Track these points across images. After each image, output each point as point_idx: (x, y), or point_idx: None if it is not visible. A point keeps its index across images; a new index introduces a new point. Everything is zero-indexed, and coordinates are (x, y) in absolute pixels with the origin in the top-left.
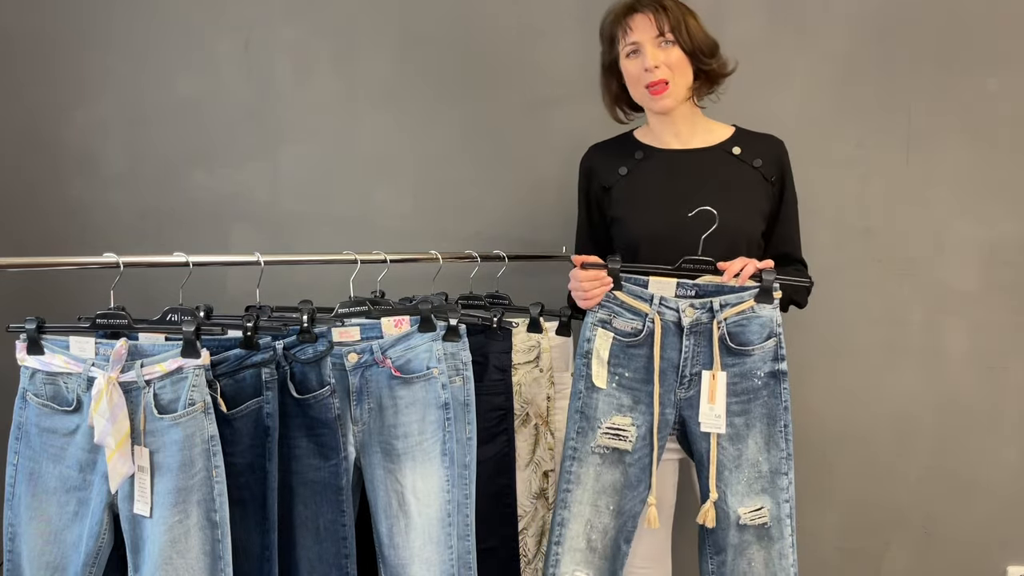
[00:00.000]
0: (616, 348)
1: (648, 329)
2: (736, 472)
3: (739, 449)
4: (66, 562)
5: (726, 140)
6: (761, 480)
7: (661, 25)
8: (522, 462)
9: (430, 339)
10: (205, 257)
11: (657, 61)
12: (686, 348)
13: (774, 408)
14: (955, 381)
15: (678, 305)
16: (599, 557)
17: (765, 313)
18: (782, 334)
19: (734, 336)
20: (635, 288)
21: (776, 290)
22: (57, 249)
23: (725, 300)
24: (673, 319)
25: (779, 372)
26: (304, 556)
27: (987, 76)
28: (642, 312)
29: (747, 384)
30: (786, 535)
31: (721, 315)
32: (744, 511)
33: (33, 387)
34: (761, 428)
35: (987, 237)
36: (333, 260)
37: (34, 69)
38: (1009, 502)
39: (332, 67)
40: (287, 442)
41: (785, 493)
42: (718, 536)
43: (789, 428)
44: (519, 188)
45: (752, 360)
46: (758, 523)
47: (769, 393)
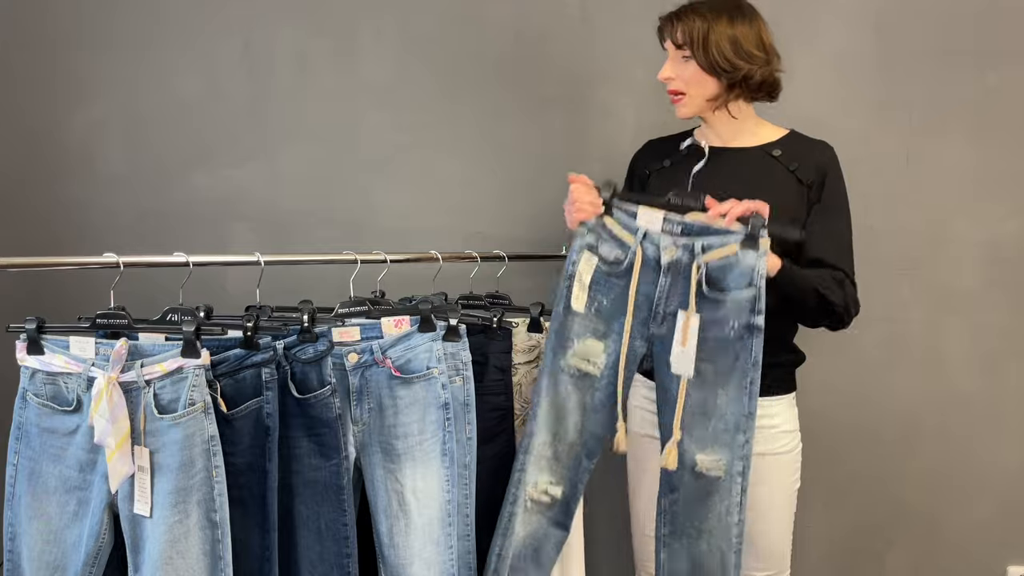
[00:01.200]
0: (598, 274)
1: (630, 260)
2: (700, 419)
3: (704, 396)
4: (66, 562)
5: (771, 142)
6: (725, 434)
7: (682, 38)
8: None
9: (430, 339)
10: (205, 257)
11: (671, 73)
12: (661, 286)
13: (744, 363)
14: (955, 381)
15: (661, 241)
16: (562, 466)
17: (748, 260)
18: (763, 286)
19: (712, 281)
20: (624, 217)
21: (763, 236)
22: (57, 249)
23: (708, 242)
24: (654, 255)
25: (754, 326)
26: (305, 556)
27: (987, 74)
28: (626, 243)
29: (719, 333)
30: (734, 493)
31: (702, 258)
32: (703, 459)
33: (33, 387)
34: (731, 381)
35: (987, 236)
36: (333, 260)
37: (34, 69)
38: (1009, 502)
39: (332, 67)
40: (288, 442)
41: (741, 450)
42: (673, 476)
43: (755, 386)
44: (519, 188)
45: (727, 308)
46: (713, 475)
47: (741, 347)
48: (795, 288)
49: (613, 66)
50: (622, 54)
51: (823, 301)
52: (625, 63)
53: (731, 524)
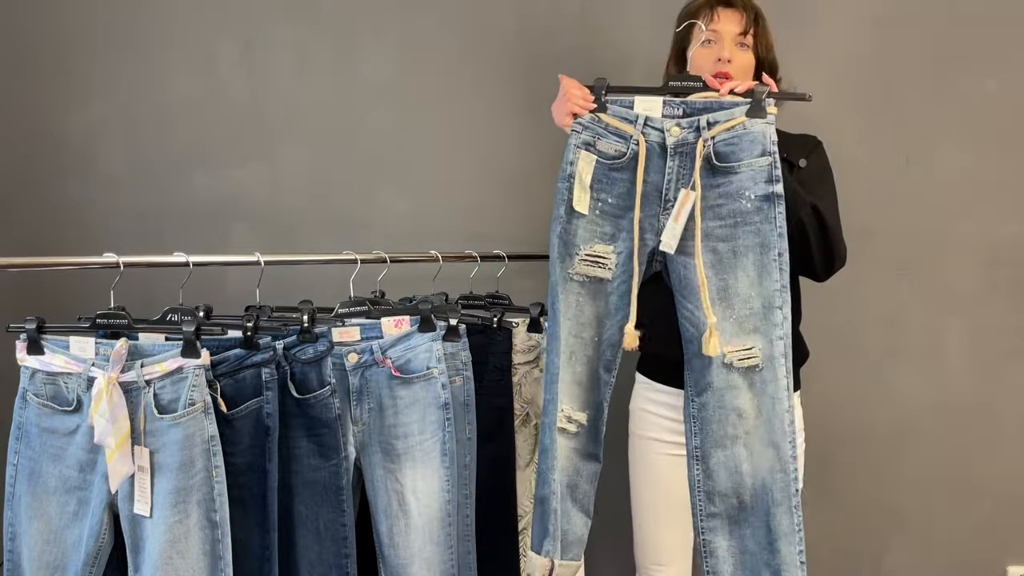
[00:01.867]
0: (599, 171)
1: (632, 151)
2: (721, 305)
3: (724, 280)
4: (66, 562)
5: None
6: (753, 317)
7: (748, 25)
8: (522, 462)
9: (430, 339)
10: (205, 257)
11: (732, 56)
12: (670, 169)
13: (767, 234)
14: (955, 381)
15: (663, 125)
16: (583, 389)
17: (757, 128)
18: (777, 153)
19: (722, 155)
20: (620, 109)
21: (770, 104)
22: (57, 249)
23: (714, 117)
24: (658, 140)
25: (774, 195)
26: (304, 556)
27: (987, 76)
28: (627, 133)
29: (734, 206)
30: (780, 377)
31: (708, 133)
32: (731, 350)
33: (33, 387)
34: (753, 258)
35: (987, 237)
36: (333, 260)
37: (34, 69)
38: (1009, 502)
39: (332, 67)
40: (287, 442)
41: (780, 329)
42: (698, 374)
43: (785, 257)
44: (519, 188)
45: (740, 179)
46: (747, 365)
47: (762, 218)
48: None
49: (613, 66)
50: (622, 54)
51: (818, 215)
52: (625, 63)
53: (781, 412)
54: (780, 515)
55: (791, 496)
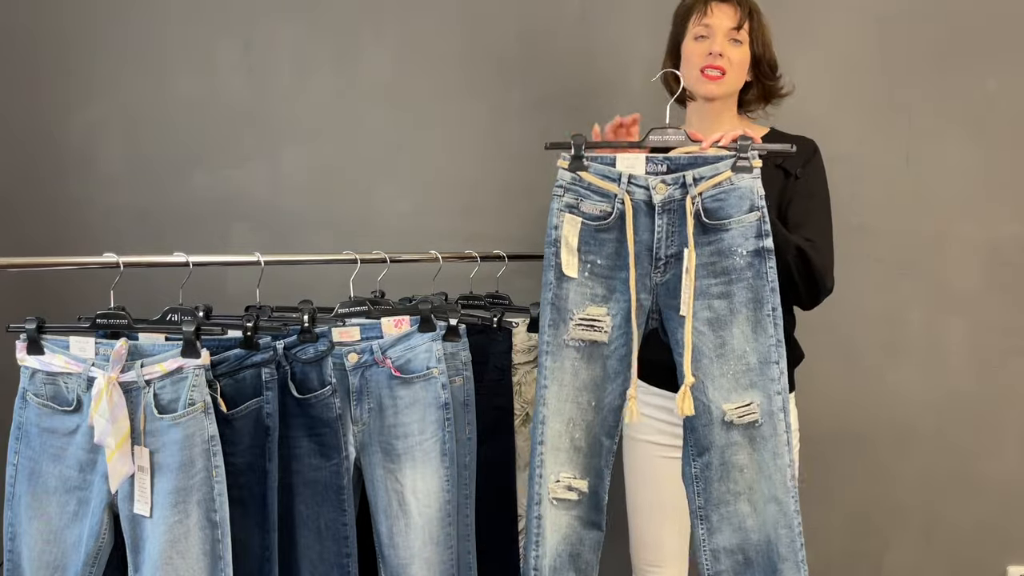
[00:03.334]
0: (585, 233)
1: (618, 211)
2: (719, 363)
3: (721, 337)
4: (66, 562)
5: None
6: (749, 373)
7: (742, 20)
8: (522, 462)
9: (430, 339)
10: (205, 257)
11: (723, 50)
12: (659, 228)
13: (760, 290)
14: (955, 381)
15: (648, 182)
16: (583, 456)
17: (744, 184)
18: (765, 208)
19: (711, 211)
20: (602, 167)
21: (754, 158)
22: (57, 249)
23: (699, 173)
24: (644, 198)
25: (764, 250)
26: (305, 556)
27: (987, 76)
28: (610, 193)
29: (727, 263)
30: (780, 431)
31: (695, 189)
32: (730, 407)
33: (33, 387)
34: (747, 313)
35: (987, 237)
36: (333, 260)
37: (34, 69)
38: (1009, 502)
39: (332, 67)
40: (288, 442)
41: (776, 384)
42: (700, 435)
43: (778, 311)
44: (519, 188)
45: (731, 236)
46: (747, 421)
47: (754, 274)
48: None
49: (613, 66)
50: (622, 54)
51: (803, 257)
52: (625, 63)
53: (782, 467)
54: (787, 570)
55: (796, 551)
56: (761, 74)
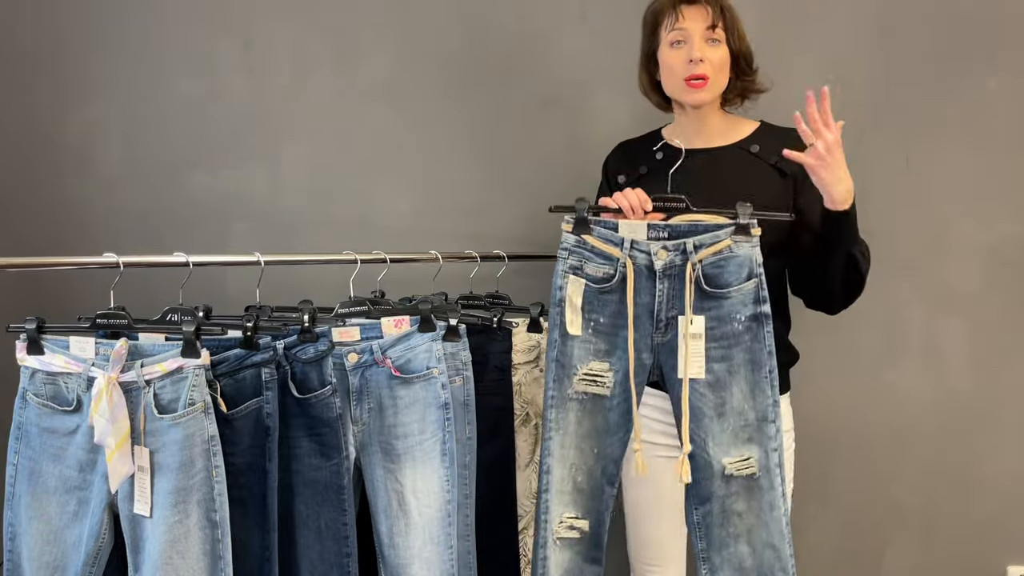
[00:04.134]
0: (589, 294)
1: (620, 274)
2: (719, 421)
3: (721, 397)
4: (66, 562)
5: (746, 137)
6: (747, 429)
7: (716, 19)
8: (522, 462)
9: (430, 339)
10: (205, 257)
11: (703, 55)
12: (660, 292)
13: (757, 353)
14: (955, 381)
15: (650, 247)
16: (586, 497)
17: (743, 251)
18: (763, 274)
19: (710, 278)
20: (605, 232)
21: (754, 226)
22: (57, 249)
23: (700, 240)
24: (645, 262)
25: (761, 315)
26: (305, 556)
27: (987, 76)
28: (613, 256)
29: (726, 328)
30: (776, 485)
31: (695, 256)
32: (729, 461)
33: (33, 387)
34: (745, 375)
35: (987, 237)
36: (333, 260)
37: (34, 69)
38: (1009, 502)
39: (332, 67)
40: (288, 442)
41: (773, 441)
42: (701, 487)
43: (774, 373)
44: (519, 188)
45: (731, 303)
46: (745, 473)
47: (752, 337)
48: (849, 235)
49: (613, 66)
50: (622, 54)
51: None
52: (625, 63)
53: (778, 517)
54: None
55: None
56: (739, 70)
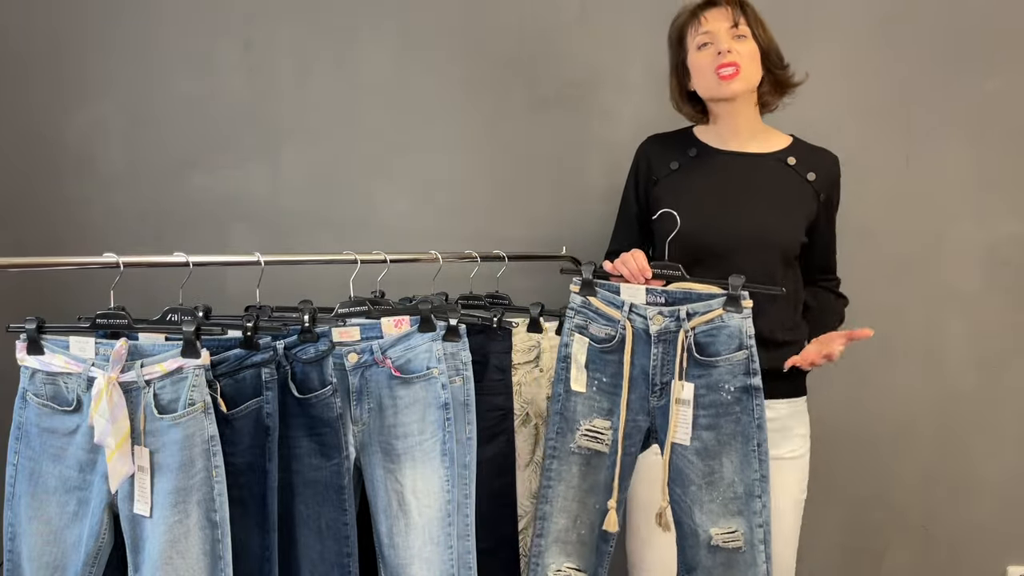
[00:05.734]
0: (592, 353)
1: (620, 336)
2: (708, 490)
3: (709, 466)
4: (66, 562)
5: (782, 149)
6: (736, 501)
7: (737, 17)
8: (522, 462)
9: (430, 339)
10: (205, 257)
11: (731, 47)
12: (655, 356)
13: (747, 426)
14: (955, 381)
15: (647, 312)
16: (588, 549)
17: (734, 323)
18: (754, 346)
19: (702, 346)
20: (608, 294)
21: (745, 298)
22: (57, 249)
23: (693, 308)
24: (643, 326)
25: (751, 387)
26: (306, 555)
27: (987, 76)
28: (614, 318)
29: (715, 397)
30: (759, 562)
31: (688, 324)
32: (717, 532)
33: (33, 387)
34: (735, 446)
35: (987, 237)
36: (333, 260)
37: (34, 69)
38: (1009, 502)
39: (332, 67)
40: (289, 442)
41: (759, 517)
42: (688, 554)
43: (763, 448)
44: (519, 188)
45: (719, 372)
46: (731, 546)
47: (741, 409)
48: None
49: (613, 66)
50: (622, 54)
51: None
52: (625, 63)
53: None
54: None
55: None
56: (771, 64)
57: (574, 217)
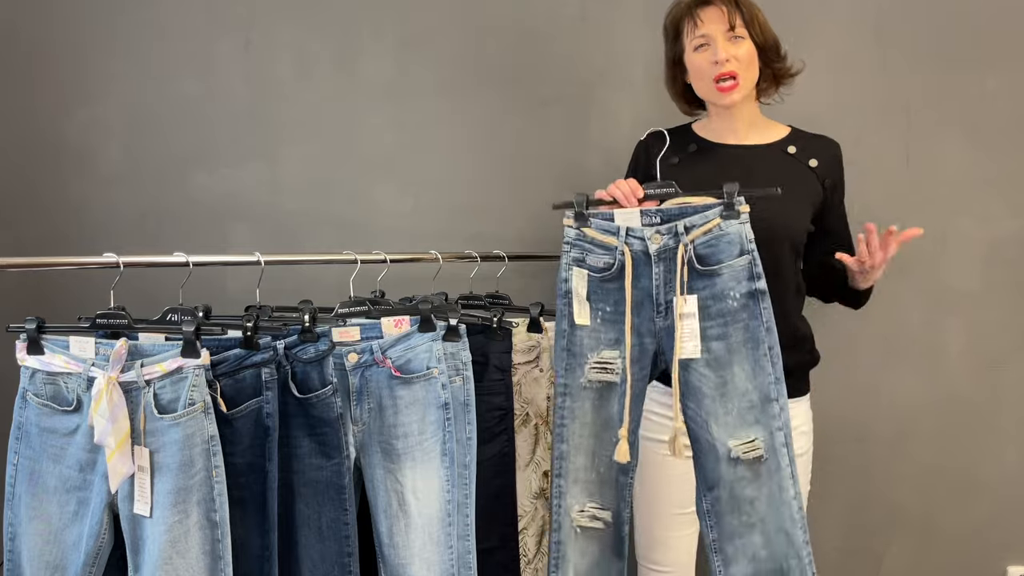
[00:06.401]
0: (593, 284)
1: (619, 262)
2: (722, 401)
3: (722, 376)
4: (66, 562)
5: (782, 139)
6: (752, 411)
7: (733, 19)
8: (522, 462)
9: (430, 339)
10: (205, 257)
11: (728, 54)
12: (657, 276)
13: (756, 330)
14: (955, 381)
15: (645, 233)
16: (607, 487)
17: (733, 229)
18: (755, 251)
19: (703, 258)
20: (602, 223)
21: (741, 204)
22: (57, 249)
23: (690, 222)
24: (641, 248)
25: (757, 291)
26: (306, 555)
27: (987, 75)
28: (611, 246)
29: (722, 306)
30: (783, 466)
31: (686, 237)
32: (735, 444)
33: (33, 387)
34: (745, 353)
35: (987, 236)
36: (333, 260)
37: (34, 69)
38: (1009, 502)
39: (332, 67)
40: (289, 441)
41: (778, 420)
42: (707, 471)
43: (775, 350)
44: (519, 188)
45: (723, 280)
46: (752, 456)
47: (749, 315)
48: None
49: (613, 66)
50: (622, 54)
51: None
52: (625, 63)
53: (788, 500)
54: None
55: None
56: (768, 59)
57: None
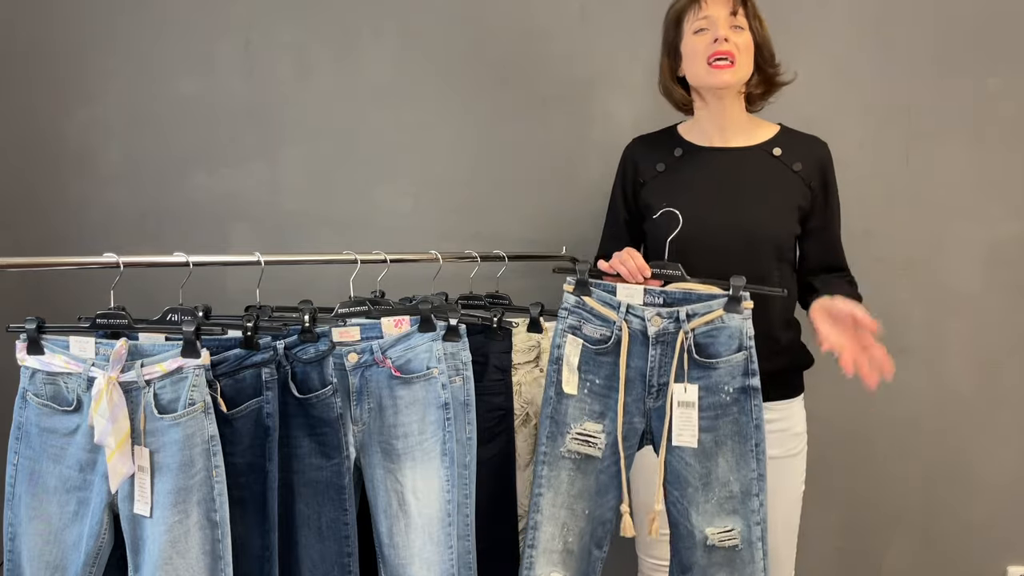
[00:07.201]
0: (586, 354)
1: (616, 337)
2: (704, 491)
3: (707, 467)
4: (66, 562)
5: (768, 140)
6: (732, 501)
7: (737, 5)
8: (522, 462)
9: (430, 339)
10: (205, 257)
11: (728, 35)
12: (652, 358)
13: (745, 426)
14: (954, 381)
15: (645, 313)
16: (575, 559)
17: (734, 323)
18: (753, 347)
19: (701, 348)
20: (603, 294)
21: (745, 299)
22: (57, 249)
23: (693, 309)
24: (640, 327)
25: (749, 388)
26: (306, 555)
27: (987, 76)
28: (610, 319)
29: (714, 399)
30: (757, 559)
31: (688, 325)
32: (713, 532)
33: (33, 387)
34: (732, 446)
35: (987, 237)
36: (333, 260)
37: (34, 69)
38: (1009, 502)
39: (332, 67)
40: (289, 442)
41: (756, 515)
42: (683, 555)
43: (761, 447)
44: (519, 188)
45: (719, 373)
46: (728, 545)
47: (739, 410)
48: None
49: (613, 66)
50: (622, 54)
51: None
52: (625, 63)
53: None
54: None
55: None
56: (762, 60)
57: (574, 217)
